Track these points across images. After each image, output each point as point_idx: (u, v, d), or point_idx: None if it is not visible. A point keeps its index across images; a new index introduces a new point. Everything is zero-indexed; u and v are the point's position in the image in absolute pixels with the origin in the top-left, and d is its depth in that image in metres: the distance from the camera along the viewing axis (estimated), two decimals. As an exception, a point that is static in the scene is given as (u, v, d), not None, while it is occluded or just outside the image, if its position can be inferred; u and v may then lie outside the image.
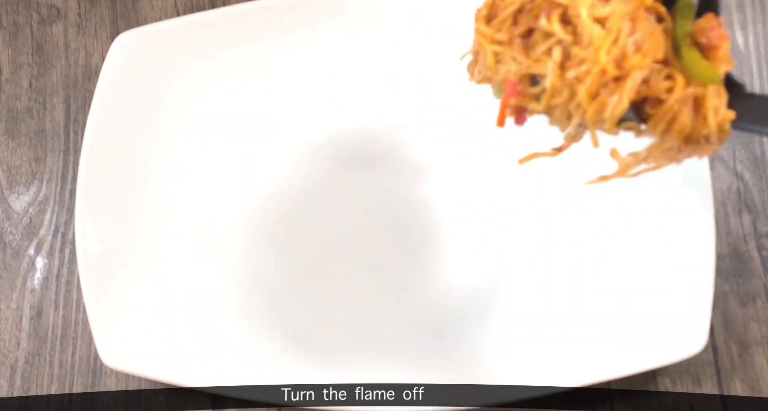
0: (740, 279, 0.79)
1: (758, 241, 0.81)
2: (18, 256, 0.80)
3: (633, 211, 0.74)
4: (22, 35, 0.88)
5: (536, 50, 0.45)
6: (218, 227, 0.75)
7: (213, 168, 0.77)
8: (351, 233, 0.76)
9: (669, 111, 0.45)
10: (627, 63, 0.42)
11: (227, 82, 0.79)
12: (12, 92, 0.86)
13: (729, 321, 0.78)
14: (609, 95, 0.44)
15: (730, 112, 0.46)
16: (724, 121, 0.46)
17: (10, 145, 0.84)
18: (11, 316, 0.79)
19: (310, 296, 0.73)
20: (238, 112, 0.79)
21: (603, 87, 0.44)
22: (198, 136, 0.78)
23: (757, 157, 0.83)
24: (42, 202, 0.82)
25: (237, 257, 0.74)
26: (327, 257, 0.75)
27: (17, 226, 0.81)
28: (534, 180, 0.76)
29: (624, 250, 0.73)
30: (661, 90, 0.44)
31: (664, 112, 0.45)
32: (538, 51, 0.45)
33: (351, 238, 0.76)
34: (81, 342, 0.78)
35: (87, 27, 0.89)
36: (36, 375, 0.77)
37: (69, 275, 0.80)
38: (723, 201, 0.82)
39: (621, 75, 0.43)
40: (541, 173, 0.73)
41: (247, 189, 0.77)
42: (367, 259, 0.75)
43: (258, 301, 0.73)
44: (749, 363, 0.76)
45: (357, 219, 0.76)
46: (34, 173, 0.83)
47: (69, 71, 0.87)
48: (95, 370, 0.77)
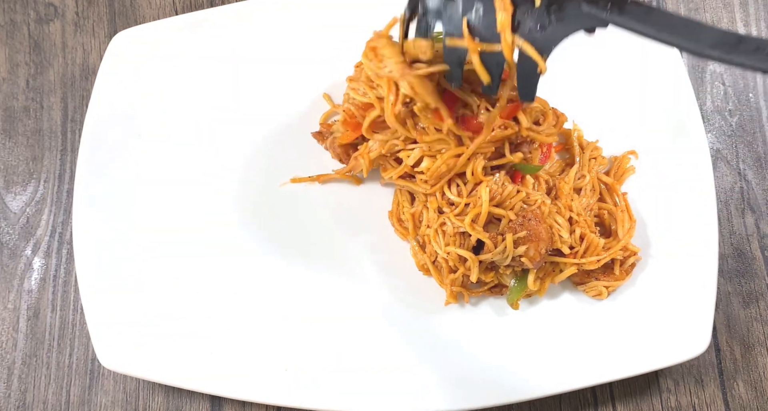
0: (743, 279, 0.79)
1: (761, 241, 0.80)
2: (15, 257, 0.80)
3: (636, 212, 0.73)
4: (19, 33, 0.88)
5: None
6: (218, 228, 0.75)
7: (213, 168, 0.77)
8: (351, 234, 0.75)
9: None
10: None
11: (227, 80, 0.79)
12: (9, 91, 0.86)
13: (732, 322, 0.77)
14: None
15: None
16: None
17: (6, 145, 0.84)
18: (8, 317, 0.78)
19: (310, 297, 0.73)
20: (238, 111, 0.78)
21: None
22: (198, 135, 0.77)
23: (761, 156, 0.83)
24: (39, 202, 0.82)
25: (236, 259, 0.74)
26: (327, 257, 0.75)
27: (14, 226, 0.81)
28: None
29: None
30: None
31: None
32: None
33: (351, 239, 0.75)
34: (78, 343, 0.77)
35: (84, 25, 0.88)
36: (33, 376, 0.76)
37: (66, 276, 0.79)
38: (726, 201, 0.81)
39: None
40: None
41: (248, 189, 0.76)
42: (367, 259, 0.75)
43: (257, 303, 0.73)
44: (752, 364, 0.76)
45: (357, 219, 0.76)
46: (31, 173, 0.83)
47: (66, 70, 0.86)
48: (93, 371, 0.76)
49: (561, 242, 0.68)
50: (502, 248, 0.66)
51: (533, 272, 0.69)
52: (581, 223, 0.70)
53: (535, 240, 0.66)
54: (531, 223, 0.66)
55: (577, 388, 0.69)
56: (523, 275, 0.70)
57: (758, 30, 0.88)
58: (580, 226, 0.69)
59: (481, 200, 0.67)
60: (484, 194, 0.66)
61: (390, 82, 0.63)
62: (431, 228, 0.70)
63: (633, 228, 0.72)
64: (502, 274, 0.70)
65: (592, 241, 0.69)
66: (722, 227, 0.80)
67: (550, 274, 0.71)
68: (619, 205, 0.73)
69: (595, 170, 0.74)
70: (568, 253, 0.69)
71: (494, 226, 0.69)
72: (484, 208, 0.66)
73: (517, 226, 0.67)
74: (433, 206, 0.70)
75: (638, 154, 0.75)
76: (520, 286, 0.70)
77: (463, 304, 0.72)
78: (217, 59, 0.79)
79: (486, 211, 0.67)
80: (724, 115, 0.84)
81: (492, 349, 0.71)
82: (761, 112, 0.84)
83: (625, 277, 0.71)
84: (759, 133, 0.84)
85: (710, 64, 0.86)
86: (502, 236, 0.67)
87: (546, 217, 0.68)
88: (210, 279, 0.73)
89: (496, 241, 0.67)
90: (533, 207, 0.68)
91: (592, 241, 0.69)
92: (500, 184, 0.68)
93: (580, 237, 0.69)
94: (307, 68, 0.79)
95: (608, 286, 0.70)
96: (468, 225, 0.67)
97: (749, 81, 0.86)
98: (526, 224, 0.66)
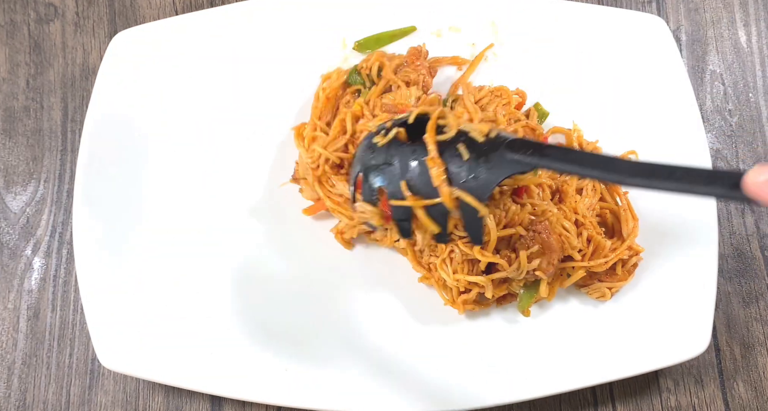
0: (743, 279, 0.79)
1: (761, 241, 0.80)
2: (15, 257, 0.80)
3: (636, 212, 0.73)
4: (19, 33, 0.88)
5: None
6: (217, 228, 0.75)
7: (213, 167, 0.77)
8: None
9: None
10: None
11: (227, 80, 0.79)
12: (9, 91, 0.86)
13: (732, 322, 0.77)
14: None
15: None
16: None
17: (7, 145, 0.84)
18: (8, 317, 0.78)
19: (310, 297, 0.73)
20: (238, 111, 0.78)
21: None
22: (198, 135, 0.77)
23: (761, 156, 0.83)
24: (39, 202, 0.82)
25: (236, 259, 0.74)
26: (327, 258, 0.75)
27: (14, 226, 0.81)
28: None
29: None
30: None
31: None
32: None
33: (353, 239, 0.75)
34: (79, 343, 0.77)
35: (85, 25, 0.88)
36: (33, 376, 0.76)
37: (66, 276, 0.79)
38: (726, 201, 0.81)
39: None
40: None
41: (248, 189, 0.76)
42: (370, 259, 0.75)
43: (257, 303, 0.73)
44: (752, 364, 0.76)
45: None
46: (32, 173, 0.83)
47: (66, 70, 0.86)
48: (93, 371, 0.76)
49: (571, 249, 0.68)
50: (517, 266, 0.66)
51: (544, 281, 0.68)
52: (587, 226, 0.70)
53: (548, 252, 0.66)
54: (542, 237, 0.66)
55: (577, 388, 0.69)
56: (533, 284, 0.69)
57: (758, 30, 0.88)
58: (586, 229, 0.69)
59: (487, 228, 0.66)
60: (489, 222, 0.66)
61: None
62: (437, 257, 0.69)
63: (636, 226, 0.71)
64: (512, 285, 0.70)
65: (599, 243, 0.69)
66: (722, 227, 0.80)
67: (558, 278, 0.70)
68: (620, 204, 0.73)
69: None
70: (578, 258, 0.69)
71: (504, 242, 0.68)
72: (492, 237, 0.66)
73: (528, 241, 0.66)
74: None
75: (638, 154, 0.75)
76: (530, 293, 0.70)
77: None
78: (217, 59, 0.79)
79: (495, 239, 0.66)
80: (724, 115, 0.84)
81: (492, 349, 0.71)
82: (761, 112, 0.84)
83: (628, 278, 0.71)
84: (759, 133, 0.84)
85: (710, 64, 0.86)
86: (515, 253, 0.66)
87: (555, 226, 0.68)
88: (210, 279, 0.73)
89: (510, 259, 0.67)
90: (541, 217, 0.67)
91: (599, 243, 0.69)
92: (502, 207, 0.67)
93: (587, 239, 0.69)
94: (307, 68, 0.79)
95: (611, 287, 0.70)
96: (478, 253, 0.66)
97: (749, 81, 0.86)
98: (537, 238, 0.66)
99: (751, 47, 0.88)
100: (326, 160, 0.71)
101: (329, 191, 0.71)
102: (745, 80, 0.86)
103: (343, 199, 0.71)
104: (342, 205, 0.71)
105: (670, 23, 0.88)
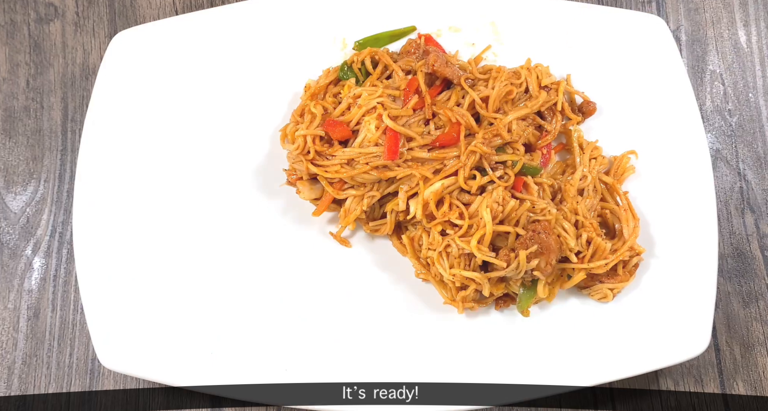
0: (743, 279, 0.79)
1: (761, 241, 0.80)
2: (15, 257, 0.80)
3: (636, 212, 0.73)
4: (19, 33, 0.88)
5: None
6: (218, 228, 0.75)
7: (213, 167, 0.77)
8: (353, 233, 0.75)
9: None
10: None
11: (227, 80, 0.79)
12: (9, 91, 0.86)
13: (732, 322, 0.77)
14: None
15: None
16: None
17: (7, 145, 0.84)
18: (8, 317, 0.78)
19: (310, 297, 0.73)
20: (237, 111, 0.78)
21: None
22: (198, 135, 0.77)
23: (761, 156, 0.83)
24: (39, 201, 0.82)
25: (236, 259, 0.74)
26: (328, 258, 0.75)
27: (14, 226, 0.81)
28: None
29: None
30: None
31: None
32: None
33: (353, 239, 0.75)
34: (79, 343, 0.77)
35: (85, 25, 0.88)
36: (33, 376, 0.76)
37: (66, 276, 0.79)
38: (726, 201, 0.81)
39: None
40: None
41: (248, 189, 0.76)
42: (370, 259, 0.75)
43: (256, 303, 0.73)
44: (752, 364, 0.76)
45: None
46: (32, 173, 0.83)
47: (66, 70, 0.86)
48: (93, 371, 0.76)
49: (569, 251, 0.68)
50: (515, 265, 0.66)
51: (542, 281, 0.68)
52: (587, 227, 0.69)
53: (546, 252, 0.66)
54: (541, 237, 0.66)
55: (577, 388, 0.69)
56: (532, 284, 0.69)
57: (758, 30, 0.88)
58: (586, 230, 0.69)
59: (483, 221, 0.66)
60: (485, 215, 0.66)
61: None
62: (434, 251, 0.69)
63: (637, 227, 0.71)
64: (510, 285, 0.70)
65: (599, 245, 0.69)
66: (722, 227, 0.80)
67: (558, 279, 0.70)
68: (621, 204, 0.73)
69: (595, 170, 0.73)
70: (575, 260, 0.69)
71: (502, 239, 0.68)
72: (488, 229, 0.66)
73: (527, 240, 0.66)
74: (437, 229, 0.69)
75: (638, 154, 0.75)
76: (529, 294, 0.70)
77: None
78: (217, 59, 0.79)
79: (490, 232, 0.66)
80: (723, 115, 0.84)
81: (492, 350, 0.71)
82: (761, 112, 0.84)
83: (629, 278, 0.71)
84: (759, 133, 0.84)
85: (710, 64, 0.86)
86: (515, 253, 0.66)
87: (554, 226, 0.68)
88: (210, 279, 0.73)
89: (509, 259, 0.67)
90: (540, 217, 0.68)
91: (599, 245, 0.69)
92: (500, 201, 0.68)
93: (587, 241, 0.69)
94: (307, 68, 0.79)
95: (613, 288, 0.70)
96: (474, 247, 0.66)
97: (749, 81, 0.86)
98: (536, 238, 0.66)
99: (751, 47, 0.88)
100: (313, 139, 0.71)
101: (326, 169, 0.71)
102: (745, 80, 0.86)
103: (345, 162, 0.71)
104: (345, 168, 0.71)
105: (670, 23, 0.88)
